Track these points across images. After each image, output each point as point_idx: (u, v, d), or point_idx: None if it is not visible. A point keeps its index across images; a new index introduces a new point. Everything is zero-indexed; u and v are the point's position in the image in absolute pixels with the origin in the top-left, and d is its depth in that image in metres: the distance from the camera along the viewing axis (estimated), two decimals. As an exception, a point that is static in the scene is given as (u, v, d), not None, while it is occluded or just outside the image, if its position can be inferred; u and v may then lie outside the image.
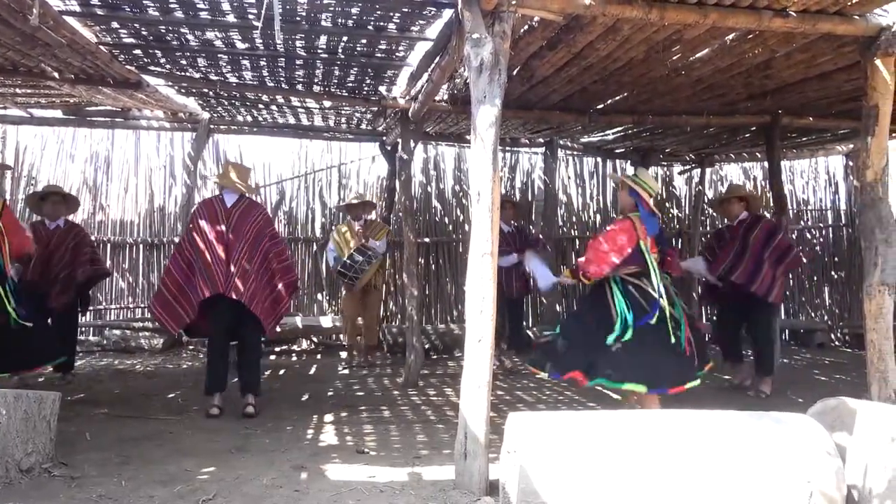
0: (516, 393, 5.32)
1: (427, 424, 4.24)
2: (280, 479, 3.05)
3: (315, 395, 5.12)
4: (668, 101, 5.52)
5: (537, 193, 8.43)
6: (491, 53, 2.92)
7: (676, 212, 9.00)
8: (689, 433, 2.54)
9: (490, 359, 2.91)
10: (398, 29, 4.15)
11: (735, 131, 6.84)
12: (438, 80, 4.48)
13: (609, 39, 3.87)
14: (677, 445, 2.48)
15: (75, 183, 7.65)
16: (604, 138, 7.70)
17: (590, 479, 2.39)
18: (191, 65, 5.05)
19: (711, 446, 2.48)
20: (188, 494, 2.81)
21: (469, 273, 2.96)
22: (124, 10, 3.93)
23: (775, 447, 2.48)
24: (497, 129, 2.93)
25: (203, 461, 3.29)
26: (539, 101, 5.58)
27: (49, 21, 3.67)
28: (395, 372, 6.18)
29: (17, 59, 4.63)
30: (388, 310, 8.06)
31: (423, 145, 8.00)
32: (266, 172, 7.99)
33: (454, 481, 2.92)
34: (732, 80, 4.84)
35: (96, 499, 2.73)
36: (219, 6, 3.84)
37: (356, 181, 8.19)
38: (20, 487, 2.81)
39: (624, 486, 2.38)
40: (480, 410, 2.87)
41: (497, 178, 2.94)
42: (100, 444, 3.55)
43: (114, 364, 6.45)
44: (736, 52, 4.18)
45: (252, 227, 4.39)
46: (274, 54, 4.70)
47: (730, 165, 9.17)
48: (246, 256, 4.29)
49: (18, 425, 2.91)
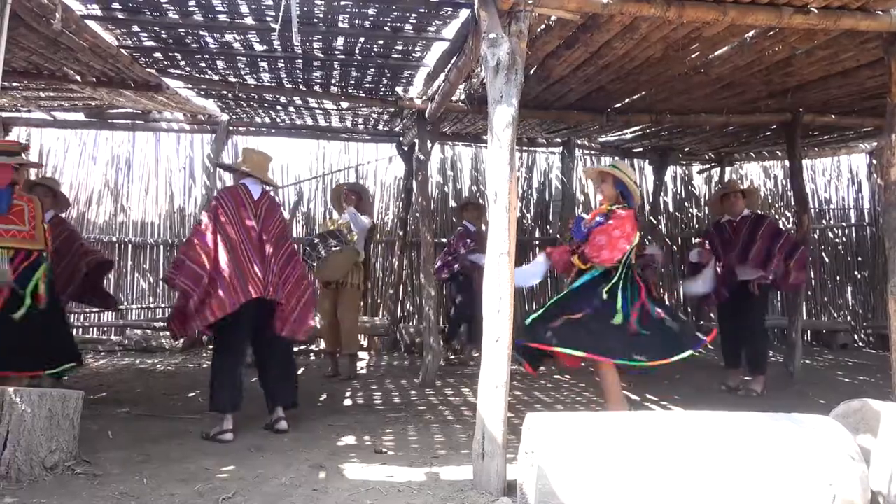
0: (534, 393, 5.31)
1: (445, 424, 4.24)
2: (299, 478, 3.06)
3: (333, 395, 5.14)
4: (686, 99, 5.47)
5: (555, 193, 8.40)
6: (508, 53, 2.92)
7: (696, 211, 8.92)
8: (709, 435, 2.51)
9: (508, 359, 2.91)
10: (415, 29, 4.15)
11: (755, 130, 6.76)
12: (455, 80, 4.48)
13: (627, 38, 3.84)
14: (696, 447, 2.45)
15: (97, 185, 7.77)
16: (622, 138, 7.65)
17: (608, 480, 2.37)
18: (210, 67, 5.10)
19: (731, 448, 2.45)
20: (208, 493, 2.83)
21: (486, 273, 2.96)
22: (144, 14, 3.98)
23: (796, 450, 2.44)
24: (514, 129, 2.92)
25: (223, 460, 3.32)
26: (556, 100, 5.56)
27: (71, 25, 3.73)
28: (413, 372, 6.18)
29: (41, 62, 4.71)
30: (404, 310, 8.08)
31: (440, 146, 8.02)
32: (284, 173, 8.05)
33: (472, 481, 2.92)
34: (752, 78, 4.78)
35: (118, 496, 2.77)
36: (237, 9, 3.88)
37: (373, 182, 8.22)
38: (45, 484, 2.85)
39: (643, 488, 2.36)
40: (498, 411, 2.86)
41: (514, 178, 2.93)
42: (122, 443, 3.59)
43: (135, 363, 6.53)
44: (756, 50, 4.14)
45: (277, 225, 4.01)
46: (292, 56, 4.73)
47: (750, 164, 9.07)
48: (275, 256, 3.90)
49: (43, 423, 2.96)
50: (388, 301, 7.98)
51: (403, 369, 6.51)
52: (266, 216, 3.95)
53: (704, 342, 3.86)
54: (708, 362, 7.18)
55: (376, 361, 7.05)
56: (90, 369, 6.12)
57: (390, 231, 8.16)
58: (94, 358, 6.79)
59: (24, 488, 2.78)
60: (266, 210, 3.97)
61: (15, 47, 4.20)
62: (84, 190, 7.74)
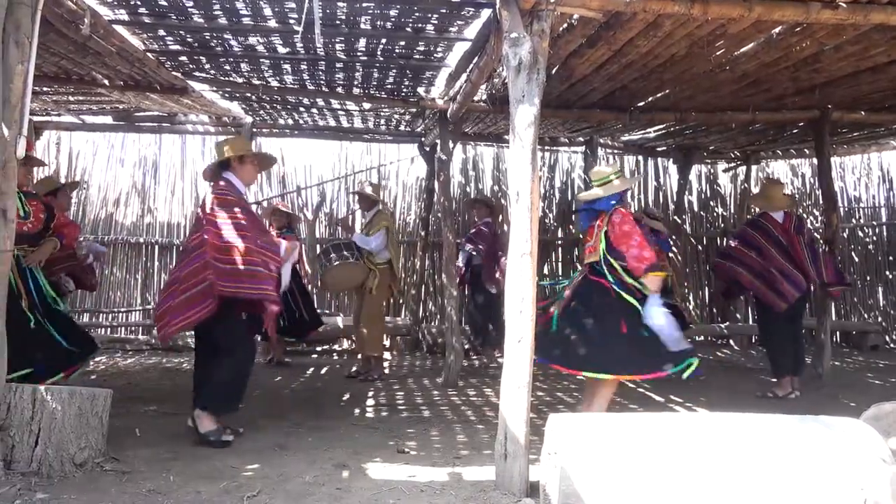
0: (557, 394, 5.28)
1: (467, 425, 4.24)
2: (322, 476, 3.08)
3: (356, 395, 5.17)
4: (711, 97, 5.40)
5: (577, 193, 8.34)
6: (529, 52, 2.91)
7: (721, 211, 8.81)
8: (735, 437, 2.48)
9: (531, 359, 2.89)
10: (436, 30, 4.16)
11: (782, 127, 6.65)
12: (477, 80, 4.48)
13: (650, 36, 3.81)
14: (722, 449, 2.42)
15: (125, 186, 7.90)
16: (645, 136, 7.58)
17: (632, 482, 2.35)
18: (234, 70, 5.16)
19: (758, 451, 2.41)
20: (234, 490, 2.87)
21: (508, 273, 2.95)
22: (170, 18, 4.04)
23: (826, 453, 2.39)
24: (536, 128, 2.91)
25: (247, 458, 3.36)
26: (578, 99, 5.53)
27: (99, 30, 3.80)
28: (435, 372, 6.19)
29: (71, 67, 4.80)
30: (426, 310, 8.09)
31: (461, 146, 8.02)
32: (307, 174, 8.11)
33: (494, 482, 2.92)
34: (779, 75, 4.71)
35: (146, 493, 2.81)
36: (261, 12, 3.92)
37: (395, 182, 8.25)
38: (74, 481, 2.91)
39: (667, 491, 2.33)
40: (520, 411, 2.86)
41: (536, 177, 2.92)
42: (149, 440, 3.65)
43: (161, 362, 6.63)
44: (782, 46, 4.07)
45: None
46: (314, 58, 4.77)
47: (777, 162, 8.93)
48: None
49: (73, 421, 3.02)
50: (410, 301, 8.00)
51: (425, 369, 6.52)
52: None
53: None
54: (734, 364, 7.08)
55: (398, 361, 7.07)
56: (118, 368, 6.23)
57: (412, 231, 8.18)
58: (121, 357, 6.91)
59: (54, 484, 2.83)
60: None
61: (45, 53, 4.29)
62: (112, 192, 7.88)
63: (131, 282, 7.81)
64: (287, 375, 5.99)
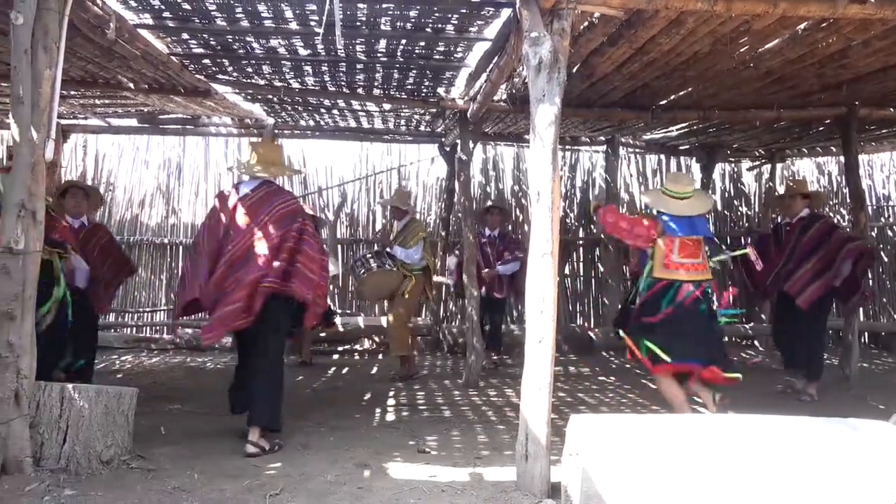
0: (578, 395, 5.25)
1: (488, 425, 4.23)
2: (343, 476, 3.10)
3: (377, 395, 5.19)
4: (735, 94, 5.33)
5: (598, 192, 8.29)
6: (550, 52, 2.89)
7: (745, 209, 8.69)
8: (759, 439, 2.44)
9: (552, 360, 2.88)
10: (456, 30, 4.16)
11: (808, 125, 6.54)
12: (497, 79, 4.47)
13: (672, 33, 3.77)
14: (746, 451, 2.39)
15: (149, 188, 8.01)
16: (667, 135, 7.50)
17: (654, 484, 2.33)
18: (256, 72, 5.21)
19: (784, 454, 2.37)
20: (256, 489, 2.89)
21: (529, 273, 2.94)
22: (193, 22, 4.09)
23: (854, 456, 2.35)
24: (556, 128, 2.90)
25: (270, 457, 3.39)
26: (599, 98, 5.49)
27: (125, 35, 3.86)
28: (456, 372, 6.19)
29: (96, 71, 4.89)
30: (447, 310, 8.09)
31: (481, 146, 8.00)
32: (328, 175, 8.15)
33: (515, 482, 2.91)
34: (805, 72, 4.63)
35: (171, 490, 2.85)
36: (282, 14, 3.95)
37: (416, 183, 8.26)
38: (101, 478, 2.96)
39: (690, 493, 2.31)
40: (541, 412, 2.84)
41: (557, 177, 2.91)
42: (173, 438, 3.70)
43: (186, 362, 6.71)
44: (808, 42, 4.00)
45: (267, 217, 3.60)
46: (335, 59, 4.79)
47: (802, 160, 8.78)
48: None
49: (99, 419, 3.07)
50: (431, 301, 8.00)
51: (446, 369, 6.52)
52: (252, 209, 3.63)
53: None
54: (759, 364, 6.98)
55: (419, 361, 7.06)
56: (143, 367, 6.33)
57: (432, 232, 8.18)
58: (146, 356, 7.01)
59: (82, 481, 2.88)
60: (254, 202, 3.64)
61: (73, 57, 4.37)
62: (137, 193, 7.99)
63: (156, 282, 7.92)
64: (308, 375, 6.03)
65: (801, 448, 2.39)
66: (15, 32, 2.80)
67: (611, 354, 7.22)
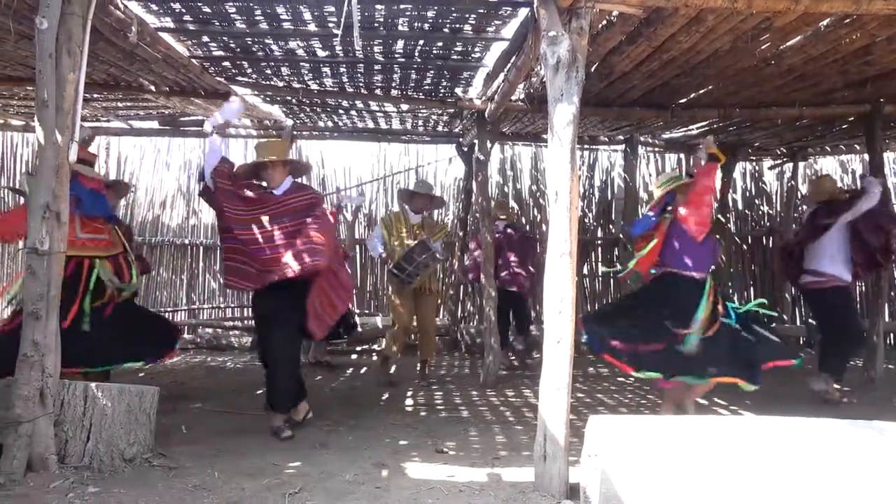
0: (597, 396, 5.22)
1: (506, 425, 4.22)
2: (362, 475, 3.11)
3: (394, 395, 5.20)
4: (756, 92, 5.27)
5: (617, 192, 8.24)
6: (568, 51, 2.88)
7: (767, 209, 8.58)
8: (782, 442, 2.41)
9: (570, 360, 2.87)
10: (474, 30, 4.16)
11: (831, 122, 6.44)
12: (514, 79, 4.46)
13: (692, 31, 3.73)
14: (768, 455, 2.36)
15: (170, 189, 8.12)
16: (687, 133, 7.43)
17: (674, 486, 2.31)
18: (275, 74, 5.25)
19: (806, 457, 2.34)
20: (275, 487, 2.92)
21: (547, 273, 2.93)
22: (213, 25, 4.13)
23: (879, 460, 2.31)
24: (575, 127, 2.88)
25: (289, 456, 3.41)
26: (618, 97, 5.46)
27: (146, 38, 3.91)
28: (473, 372, 6.19)
29: (119, 74, 4.96)
30: (465, 310, 8.09)
31: (499, 145, 7.99)
32: (346, 176, 8.20)
33: (533, 483, 2.90)
34: (827, 69, 4.56)
35: (192, 489, 2.88)
36: (301, 16, 3.98)
37: (433, 182, 8.27)
38: (124, 475, 3.00)
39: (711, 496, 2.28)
40: (560, 412, 2.83)
41: (575, 177, 2.89)
42: (194, 437, 3.74)
43: (206, 361, 6.78)
44: (831, 39, 3.94)
45: (288, 211, 3.86)
46: (353, 60, 4.81)
47: (825, 159, 8.65)
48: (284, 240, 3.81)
49: (122, 417, 3.12)
50: (449, 301, 8.01)
51: (464, 369, 6.52)
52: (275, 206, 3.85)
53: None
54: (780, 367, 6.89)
55: (437, 362, 7.07)
56: (164, 366, 6.39)
57: (450, 232, 8.19)
58: (168, 355, 7.09)
59: (105, 479, 2.93)
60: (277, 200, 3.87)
61: (95, 61, 4.44)
62: (158, 194, 8.10)
63: (177, 282, 8.02)
64: (326, 375, 6.06)
65: (824, 451, 2.36)
66: (40, 37, 2.85)
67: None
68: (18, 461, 2.77)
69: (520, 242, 6.52)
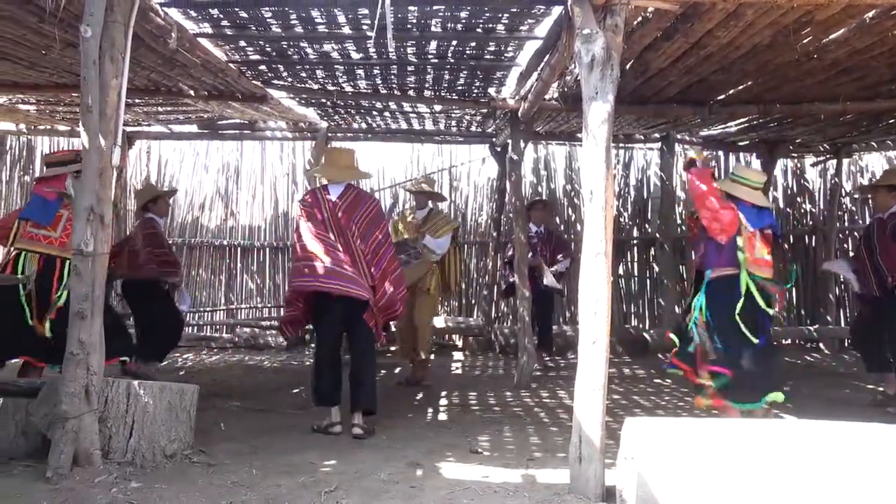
0: (633, 397, 5.16)
1: (540, 426, 4.20)
2: (396, 474, 3.13)
3: (428, 395, 5.21)
4: (798, 87, 5.13)
5: (653, 191, 8.13)
6: (602, 48, 2.85)
7: (809, 207, 8.36)
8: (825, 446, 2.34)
9: (606, 361, 2.84)
10: (507, 29, 4.14)
11: (877, 117, 6.23)
12: (548, 78, 4.43)
13: (730, 26, 3.65)
14: (809, 459, 2.29)
15: (209, 192, 8.28)
16: (726, 130, 7.27)
17: (712, 489, 2.26)
18: (310, 77, 5.31)
19: (851, 462, 2.27)
20: (311, 485, 2.95)
21: (582, 273, 2.90)
22: (250, 29, 4.20)
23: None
24: (610, 125, 2.85)
25: (325, 454, 3.45)
26: (654, 94, 5.37)
27: (185, 44, 4.00)
28: (508, 373, 6.16)
29: (159, 80, 5.08)
30: (499, 311, 8.07)
31: (533, 145, 7.95)
32: (380, 177, 8.26)
33: (569, 485, 2.87)
34: (873, 62, 4.41)
35: (231, 485, 2.93)
36: (335, 19, 4.02)
37: (466, 183, 8.28)
38: (165, 471, 3.07)
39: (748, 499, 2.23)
40: (595, 414, 2.80)
41: (610, 176, 2.86)
42: (232, 435, 3.80)
43: (244, 360, 6.90)
44: (877, 31, 3.81)
45: (362, 219, 3.97)
46: (387, 62, 4.84)
47: (871, 155, 8.39)
48: (364, 251, 3.93)
49: (163, 415, 3.19)
50: (483, 301, 7.99)
51: (498, 370, 6.50)
52: (345, 213, 3.93)
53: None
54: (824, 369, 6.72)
55: (471, 362, 7.08)
56: (203, 365, 6.53)
57: (484, 232, 8.18)
58: (206, 354, 7.24)
59: (146, 474, 3.00)
60: (347, 206, 3.95)
61: (136, 67, 4.55)
62: (197, 197, 8.27)
63: (215, 282, 8.18)
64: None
65: (870, 457, 2.28)
66: (84, 45, 2.93)
67: (666, 357, 7.06)
68: (66, 456, 2.86)
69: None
